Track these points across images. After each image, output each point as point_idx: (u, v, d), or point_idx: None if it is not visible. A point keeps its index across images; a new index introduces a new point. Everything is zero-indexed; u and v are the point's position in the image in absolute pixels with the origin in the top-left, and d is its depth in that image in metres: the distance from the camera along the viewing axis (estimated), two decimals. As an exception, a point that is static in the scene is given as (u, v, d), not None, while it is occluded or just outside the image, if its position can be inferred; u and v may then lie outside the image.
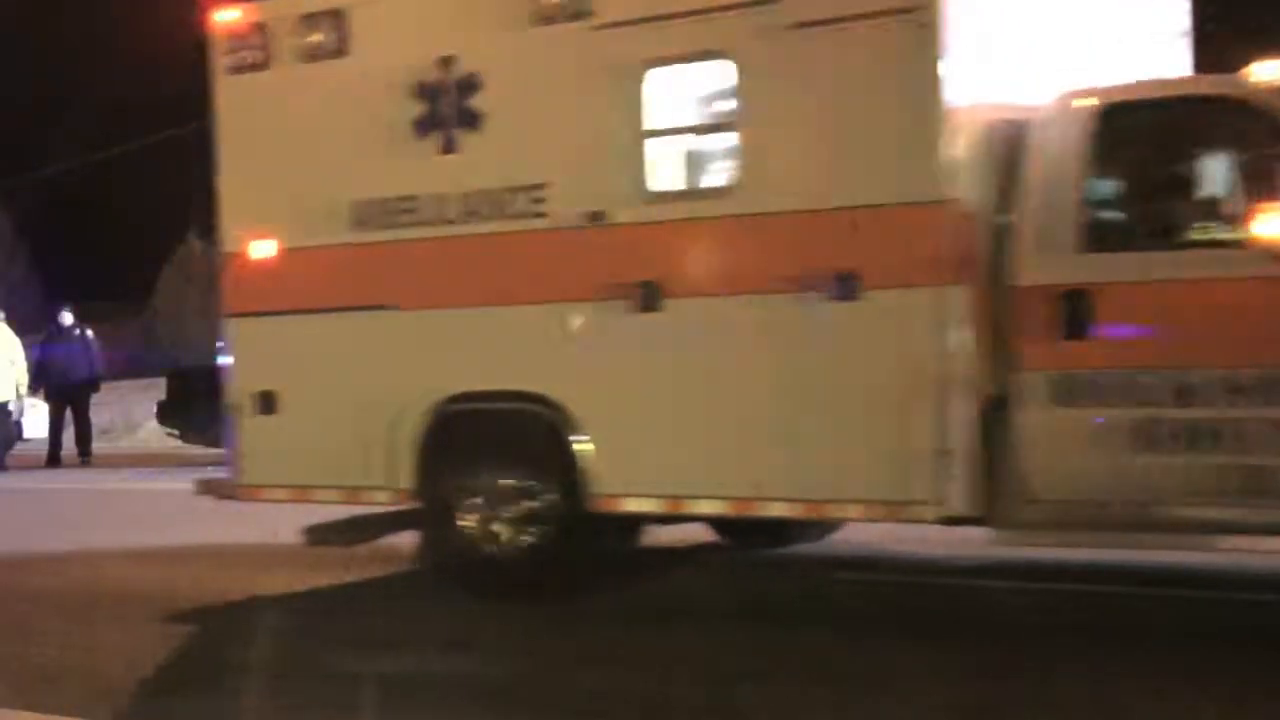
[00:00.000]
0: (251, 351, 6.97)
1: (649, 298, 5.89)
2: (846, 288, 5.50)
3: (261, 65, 6.88)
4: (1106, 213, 5.53)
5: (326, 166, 6.69)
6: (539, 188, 6.16)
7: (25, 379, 17.35)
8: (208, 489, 7.34)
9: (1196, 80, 6.14)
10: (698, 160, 6.24)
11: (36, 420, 19.44)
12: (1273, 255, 4.96)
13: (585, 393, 6.06)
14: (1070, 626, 5.38)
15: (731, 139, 5.92)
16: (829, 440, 5.60)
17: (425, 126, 6.40)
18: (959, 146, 5.40)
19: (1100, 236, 5.37)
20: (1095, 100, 5.48)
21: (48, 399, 18.81)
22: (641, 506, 6.06)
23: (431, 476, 6.32)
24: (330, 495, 6.66)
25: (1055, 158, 5.41)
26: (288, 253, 6.80)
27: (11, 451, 17.99)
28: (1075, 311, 5.23)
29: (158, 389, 20.54)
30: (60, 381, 18.45)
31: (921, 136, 5.39)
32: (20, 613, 6.31)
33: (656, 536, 6.69)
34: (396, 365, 6.47)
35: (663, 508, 6.04)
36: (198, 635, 5.82)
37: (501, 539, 6.24)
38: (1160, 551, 5.71)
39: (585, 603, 6.15)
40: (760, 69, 5.74)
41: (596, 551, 6.28)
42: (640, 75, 5.96)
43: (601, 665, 5.10)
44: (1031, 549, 5.86)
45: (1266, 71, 5.33)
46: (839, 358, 5.59)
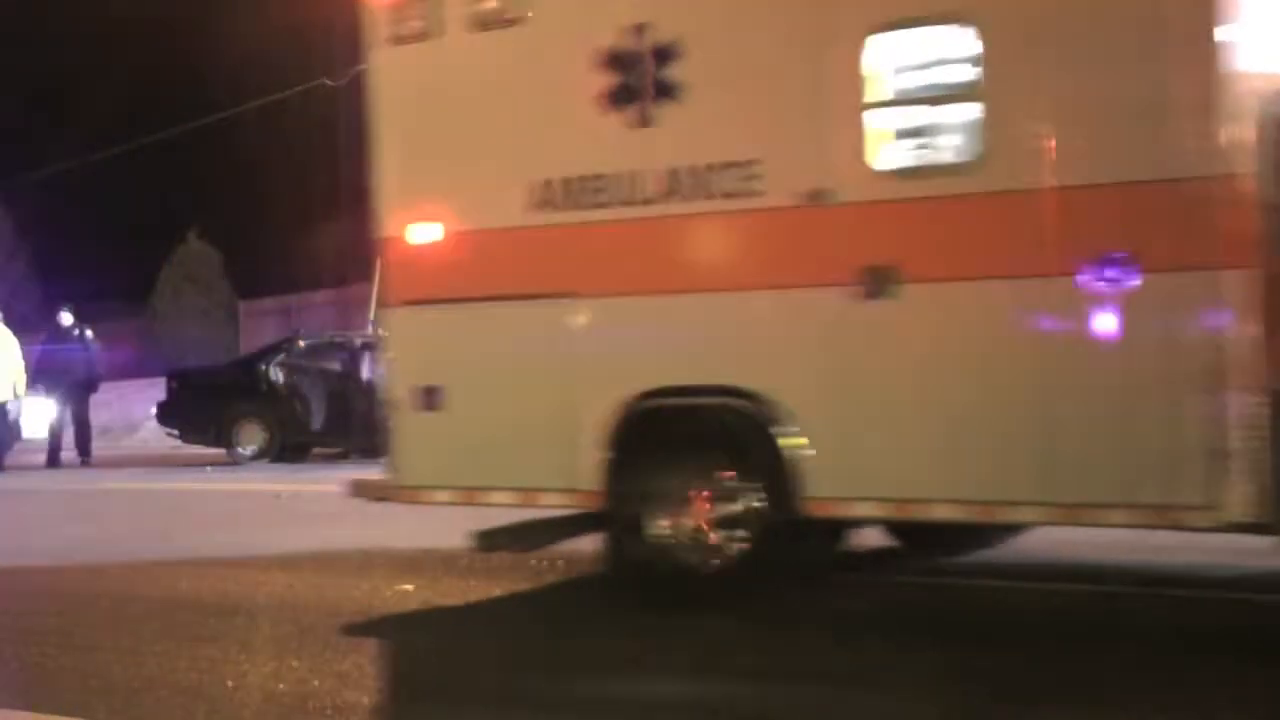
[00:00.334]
0: (413, 343, 6.40)
1: (878, 283, 5.37)
2: (1115, 271, 4.99)
3: (426, 35, 6.31)
4: None
5: (500, 144, 6.16)
6: (748, 164, 5.62)
7: (22, 379, 17.35)
8: (360, 491, 6.73)
9: None
10: (932, 133, 5.73)
11: (36, 420, 19.46)
12: None
13: (800, 387, 5.55)
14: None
15: (973, 110, 5.38)
16: (1088, 438, 5.10)
17: (615, 99, 5.85)
18: (1240, 117, 4.91)
19: None
20: None
21: (47, 399, 18.83)
22: (862, 511, 5.58)
23: (618, 478, 5.79)
24: (501, 497, 6.12)
25: None
26: (455, 236, 6.23)
27: (10, 452, 18.00)
28: None
29: (158, 389, 20.56)
30: (59, 382, 18.47)
31: (1201, 106, 4.90)
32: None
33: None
34: (579, 358, 5.95)
35: (887, 513, 5.58)
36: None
37: (695, 545, 5.73)
38: None
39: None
40: (1009, 33, 5.25)
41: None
42: (864, 40, 5.46)
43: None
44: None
45: None
46: (1101, 347, 5.08)
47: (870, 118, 5.55)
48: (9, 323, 18.05)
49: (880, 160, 5.58)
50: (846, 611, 5.74)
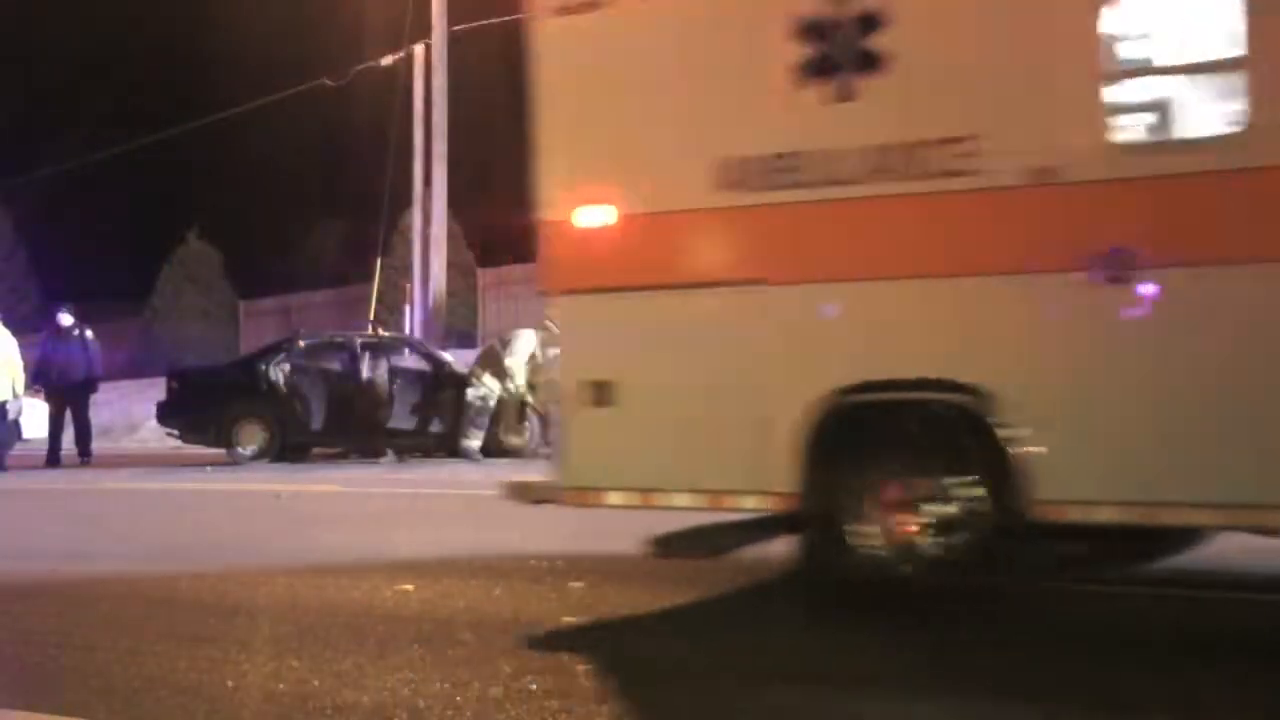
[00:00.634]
0: (582, 334, 5.96)
1: (1119, 268, 4.96)
2: None
3: (597, 3, 5.90)
4: None
5: (680, 120, 5.76)
6: (964, 140, 5.22)
7: (21, 378, 17.35)
8: (518, 494, 6.31)
9: None
10: (1179, 104, 5.34)
11: (36, 420, 19.46)
12: None
13: (1028, 380, 5.16)
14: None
15: (1231, 78, 4.94)
16: None
17: (812, 71, 5.45)
18: None
19: None
20: None
21: (47, 399, 18.84)
22: (1104, 516, 5.10)
23: (816, 479, 5.40)
24: (681, 500, 5.71)
25: None
26: (629, 220, 5.80)
27: (11, 452, 18.00)
28: None
29: (157, 389, 20.57)
30: (58, 382, 18.48)
31: None
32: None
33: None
34: (771, 350, 5.53)
35: (1133, 517, 5.09)
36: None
37: (904, 550, 5.36)
38: None
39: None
40: None
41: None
42: (1098, 2, 5.07)
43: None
44: None
45: None
46: None
47: (1107, 87, 5.13)
48: (8, 322, 18.04)
49: (1119, 134, 5.19)
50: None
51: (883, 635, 5.11)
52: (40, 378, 18.50)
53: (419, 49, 26.34)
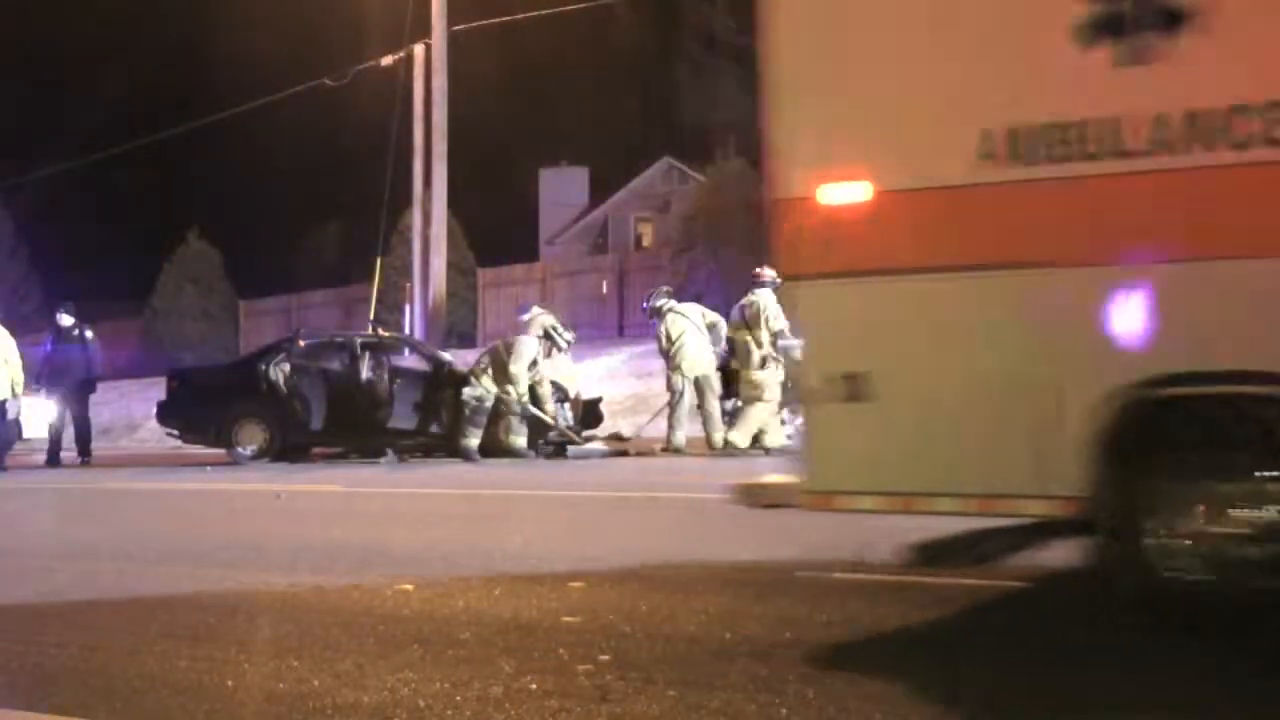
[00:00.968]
0: (831, 323, 5.40)
1: None
2: None
3: None
4: None
5: (945, 84, 5.18)
6: None
7: (21, 378, 17.36)
8: (751, 497, 5.82)
9: None
10: None
11: (36, 420, 19.46)
12: None
13: None
14: None
15: None
16: None
17: (1100, 30, 4.88)
18: None
19: None
20: None
21: (48, 399, 18.84)
22: None
23: (1110, 480, 4.84)
24: (944, 504, 5.17)
25: None
26: (885, 196, 5.23)
27: (11, 452, 18.00)
28: None
29: (158, 389, 20.56)
30: (59, 381, 18.49)
31: None
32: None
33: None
34: (1058, 339, 4.97)
35: None
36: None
37: (1214, 559, 4.76)
38: None
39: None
40: None
41: None
42: None
43: None
44: None
45: None
46: None
47: None
48: (8, 322, 18.06)
49: None
50: None
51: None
52: (41, 377, 18.50)
53: (419, 49, 26.35)
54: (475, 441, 16.27)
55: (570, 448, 16.42)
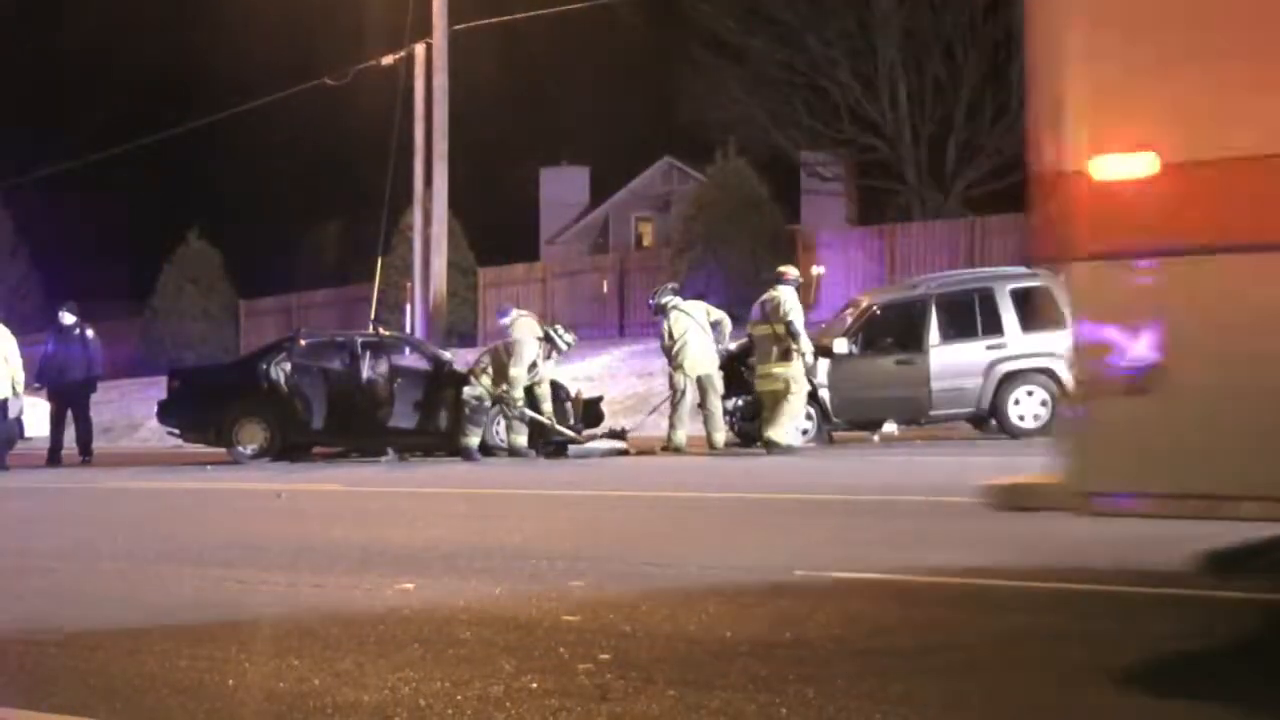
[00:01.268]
0: (1111, 307, 4.86)
1: None
2: None
3: None
4: None
5: (1245, 44, 4.64)
6: None
7: (21, 377, 17.39)
8: (1010, 499, 5.25)
9: None
10: None
11: (38, 419, 19.48)
12: None
13: None
14: None
15: None
16: None
17: None
18: None
19: None
20: None
21: (49, 398, 18.86)
22: None
23: None
24: (1250, 509, 4.65)
25: None
26: (1177, 169, 4.70)
27: (12, 451, 18.01)
28: None
29: (158, 388, 20.58)
30: (59, 380, 18.50)
31: None
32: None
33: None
34: None
35: None
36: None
37: None
38: None
39: None
40: None
41: None
42: None
43: None
44: None
45: None
46: None
47: None
48: (9, 321, 18.08)
49: None
50: None
51: None
52: (42, 376, 18.51)
53: (420, 48, 26.36)
54: (475, 441, 16.28)
55: (570, 447, 16.43)
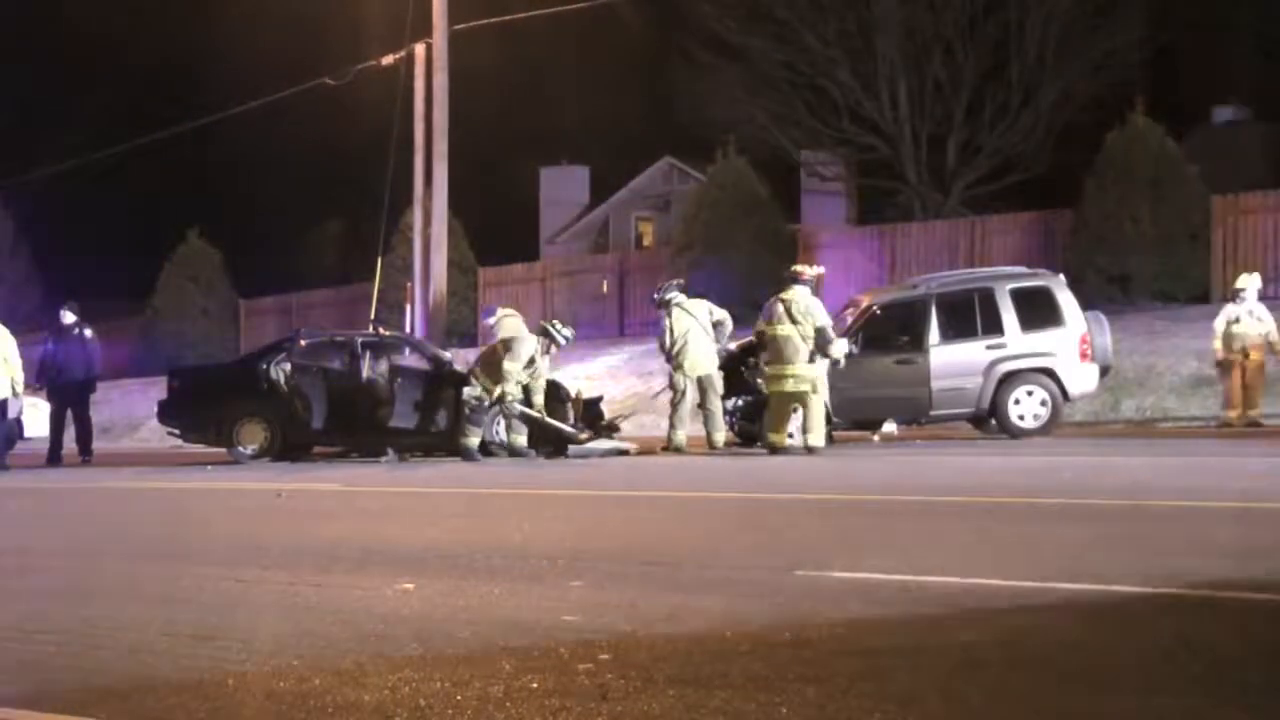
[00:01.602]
0: None
1: None
2: None
3: None
4: None
5: None
6: None
7: (20, 376, 17.41)
8: None
9: None
10: None
11: (37, 419, 19.48)
12: None
13: None
14: None
15: None
16: None
17: None
18: None
19: None
20: None
21: (48, 398, 18.86)
22: None
23: None
24: None
25: None
26: None
27: (12, 451, 18.02)
28: None
29: (158, 388, 20.58)
30: (57, 381, 18.50)
31: None
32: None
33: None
34: None
35: None
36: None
37: None
38: None
39: None
40: None
41: None
42: None
43: None
44: None
45: None
46: None
47: None
48: (8, 321, 18.11)
49: None
50: None
51: None
52: (41, 376, 18.52)
53: (420, 48, 26.35)
54: (476, 441, 16.28)
55: (570, 446, 16.43)
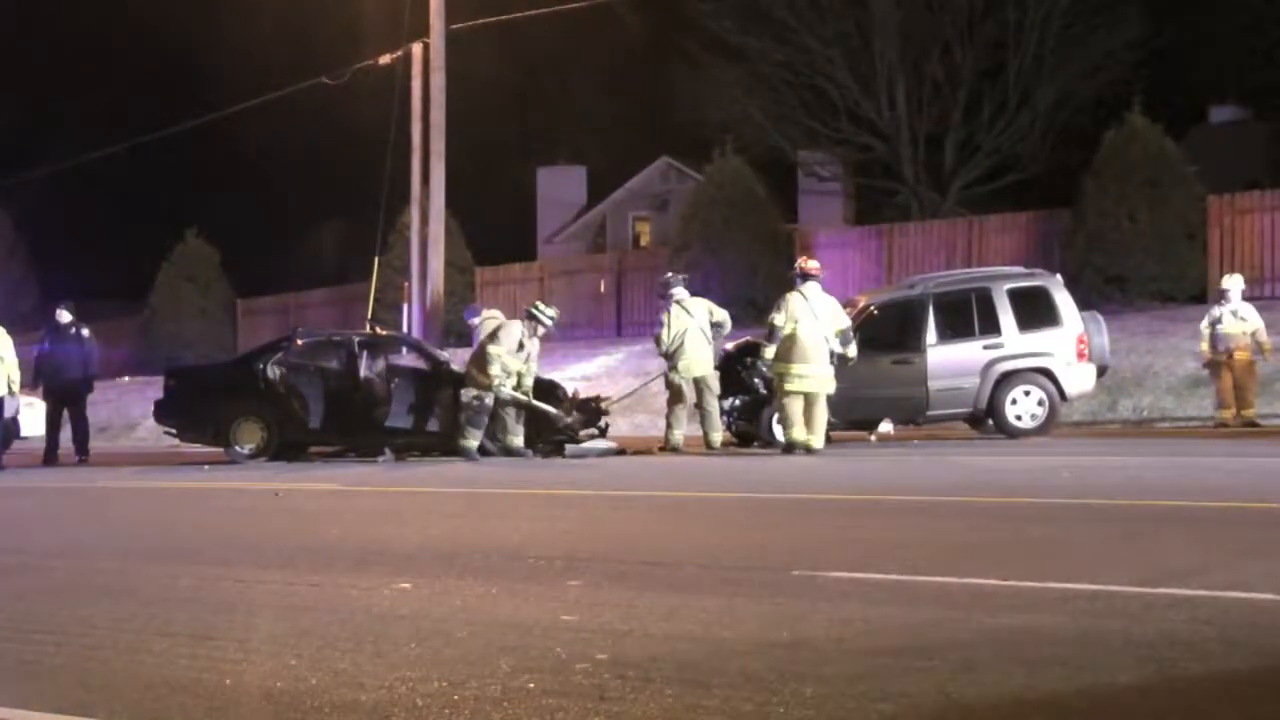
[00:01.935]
0: None
1: None
2: None
3: None
4: None
5: None
6: None
7: (17, 376, 17.40)
8: None
9: None
10: None
11: (34, 418, 19.47)
12: None
13: None
14: None
15: None
16: None
17: None
18: None
19: None
20: None
21: (45, 398, 18.86)
22: None
23: None
24: None
25: None
26: None
27: (9, 450, 18.01)
28: None
29: (155, 387, 20.57)
30: (56, 380, 18.49)
31: None
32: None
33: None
34: None
35: None
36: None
37: None
38: None
39: None
40: None
41: None
42: None
43: None
44: None
45: None
46: None
47: None
48: (5, 320, 18.11)
49: None
50: None
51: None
52: (38, 375, 18.52)
53: (417, 48, 26.35)
54: (475, 442, 16.27)
55: (568, 446, 16.43)
